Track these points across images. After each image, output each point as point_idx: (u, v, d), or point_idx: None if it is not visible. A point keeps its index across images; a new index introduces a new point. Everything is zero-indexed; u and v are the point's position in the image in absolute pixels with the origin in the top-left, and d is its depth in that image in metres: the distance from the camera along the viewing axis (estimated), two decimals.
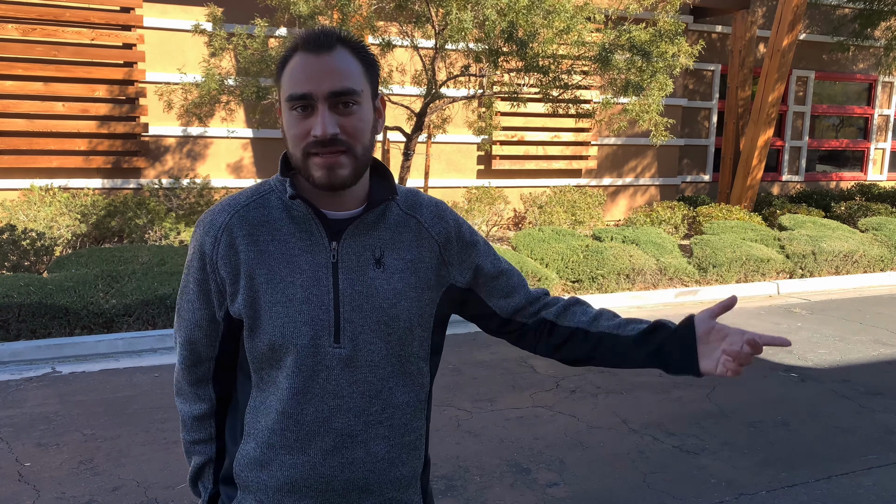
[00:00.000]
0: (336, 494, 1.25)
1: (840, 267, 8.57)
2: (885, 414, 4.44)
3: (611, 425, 4.21)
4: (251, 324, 1.24)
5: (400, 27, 7.06)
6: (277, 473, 1.25)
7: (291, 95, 1.19)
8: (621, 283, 7.43)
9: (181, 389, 1.36)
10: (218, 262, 1.24)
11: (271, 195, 1.28)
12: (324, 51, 1.19)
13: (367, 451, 1.25)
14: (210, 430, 1.36)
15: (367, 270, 1.25)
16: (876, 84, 13.89)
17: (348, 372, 1.23)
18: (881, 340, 6.10)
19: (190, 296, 1.29)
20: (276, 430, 1.24)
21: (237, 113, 8.71)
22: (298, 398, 1.23)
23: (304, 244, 1.24)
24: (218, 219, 1.26)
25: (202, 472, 1.38)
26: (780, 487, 3.48)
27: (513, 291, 1.39)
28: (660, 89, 6.76)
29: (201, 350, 1.31)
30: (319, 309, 1.22)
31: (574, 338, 1.38)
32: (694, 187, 12.62)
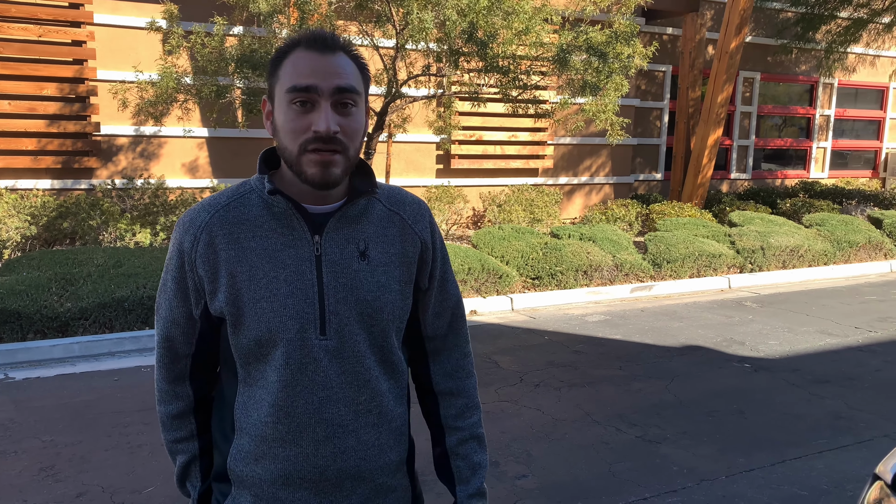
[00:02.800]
0: (329, 484, 1.28)
1: (787, 261, 8.89)
2: (832, 400, 4.65)
3: (575, 417, 4.31)
4: (234, 320, 1.25)
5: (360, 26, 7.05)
6: (271, 466, 1.27)
7: (295, 87, 1.20)
8: (579, 279, 7.58)
9: (159, 389, 1.37)
10: (196, 260, 1.26)
11: (251, 194, 1.29)
12: (328, 51, 1.23)
13: (358, 440, 1.28)
14: (191, 428, 1.37)
15: (352, 263, 1.27)
16: (817, 85, 14.43)
17: (336, 363, 1.26)
18: (827, 331, 6.37)
19: (168, 294, 1.31)
20: (269, 423, 1.26)
21: (194, 112, 8.58)
22: (288, 391, 1.25)
23: (286, 239, 1.26)
24: (198, 218, 1.27)
25: (188, 471, 1.39)
26: (739, 472, 3.62)
27: (443, 313, 1.42)
28: (616, 89, 6.91)
29: (178, 347, 1.33)
30: (304, 302, 1.24)
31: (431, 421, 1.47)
32: (647, 185, 12.91)
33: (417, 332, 1.42)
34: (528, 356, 5.51)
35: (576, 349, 5.72)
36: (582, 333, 6.19)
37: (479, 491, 1.42)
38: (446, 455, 1.44)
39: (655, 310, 7.13)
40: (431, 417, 1.46)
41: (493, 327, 6.38)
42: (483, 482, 1.43)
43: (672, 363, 5.39)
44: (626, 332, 6.25)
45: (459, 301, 1.45)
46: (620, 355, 5.57)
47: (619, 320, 6.68)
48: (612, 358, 5.50)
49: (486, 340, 5.95)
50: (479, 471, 1.43)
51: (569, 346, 5.79)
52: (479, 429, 1.45)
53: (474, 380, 1.47)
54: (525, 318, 6.74)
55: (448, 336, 1.44)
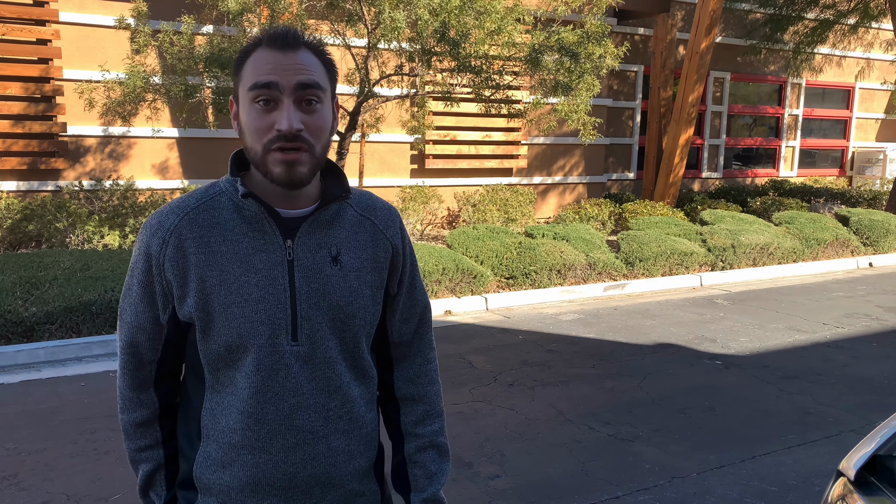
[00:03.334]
0: (299, 491, 1.26)
1: (757, 259, 9.02)
2: (801, 396, 4.72)
3: (548, 417, 4.32)
4: (204, 326, 1.23)
5: (331, 26, 7.00)
6: (240, 473, 1.25)
7: (256, 84, 1.18)
8: (553, 278, 7.61)
9: (123, 396, 1.33)
10: (165, 264, 1.23)
11: (221, 197, 1.27)
12: (290, 48, 1.20)
13: (328, 446, 1.27)
14: (156, 436, 1.34)
15: (324, 268, 1.26)
16: (786, 85, 14.66)
17: (307, 369, 1.25)
18: (796, 327, 6.46)
19: (133, 298, 1.28)
20: (238, 429, 1.24)
21: (163, 112, 8.45)
22: (258, 397, 1.23)
23: (257, 243, 1.24)
24: (166, 221, 1.25)
25: (153, 480, 1.35)
26: (710, 469, 3.66)
27: (411, 318, 1.41)
28: (587, 89, 6.95)
29: (143, 353, 1.30)
30: (276, 307, 1.23)
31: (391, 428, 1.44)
32: (619, 185, 13.01)
33: (384, 337, 1.41)
34: (502, 356, 5.51)
35: (550, 348, 5.73)
36: (556, 332, 6.22)
37: (433, 498, 1.40)
38: (404, 463, 1.42)
39: (628, 308, 7.18)
40: (392, 424, 1.45)
41: (467, 327, 6.38)
42: (439, 491, 1.41)
43: (644, 361, 5.43)
44: (599, 331, 6.28)
45: (427, 307, 1.44)
46: (594, 354, 5.60)
47: (593, 319, 6.72)
48: (585, 357, 5.52)
49: (461, 340, 5.94)
50: (435, 479, 1.40)
51: (543, 346, 5.80)
52: (439, 437, 1.42)
53: (438, 387, 1.45)
54: (500, 317, 6.74)
55: (413, 342, 1.43)
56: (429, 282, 6.82)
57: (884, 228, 10.05)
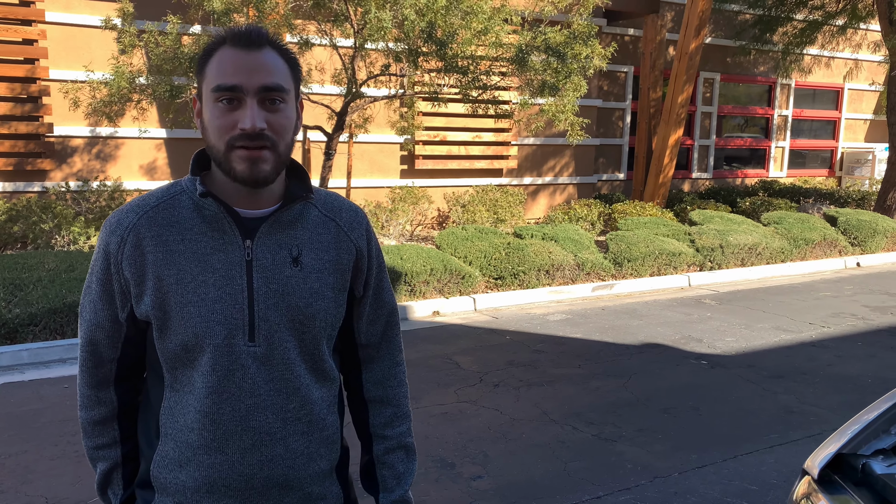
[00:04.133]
0: (255, 493, 1.26)
1: (745, 259, 9.04)
2: (785, 395, 4.73)
3: (532, 417, 4.31)
4: (161, 325, 1.23)
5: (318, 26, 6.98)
6: (195, 473, 1.25)
7: (220, 86, 1.18)
8: (542, 278, 7.61)
9: (81, 394, 1.33)
10: (123, 262, 1.23)
11: (182, 196, 1.27)
12: (254, 48, 1.20)
13: (287, 448, 1.26)
14: (113, 434, 1.33)
15: (284, 269, 1.25)
16: (775, 86, 14.72)
17: (264, 370, 1.24)
18: (782, 327, 6.48)
19: (93, 296, 1.28)
20: (195, 428, 1.24)
21: (150, 112, 8.42)
22: (214, 397, 1.23)
23: (216, 243, 1.24)
24: (125, 219, 1.25)
25: (110, 479, 1.35)
26: (691, 469, 3.66)
27: (377, 320, 1.41)
28: (574, 90, 6.95)
29: (103, 351, 1.29)
30: (233, 308, 1.22)
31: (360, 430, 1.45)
32: (609, 185, 13.03)
33: (351, 339, 1.41)
34: (488, 356, 5.51)
35: (536, 348, 5.73)
36: (543, 333, 6.22)
37: (402, 499, 1.41)
38: (372, 463, 1.43)
39: (616, 308, 7.19)
40: (360, 425, 1.45)
41: (455, 328, 6.37)
42: (407, 491, 1.42)
43: (630, 361, 5.44)
44: (586, 331, 6.29)
45: (394, 309, 1.44)
46: (580, 354, 5.60)
47: (581, 319, 6.72)
48: (571, 357, 5.52)
49: (448, 341, 5.94)
50: (403, 480, 1.42)
51: (530, 346, 5.80)
52: (407, 438, 1.44)
53: (405, 389, 1.46)
54: (488, 318, 6.74)
55: (381, 344, 1.43)
56: (417, 282, 6.81)
57: (871, 228, 10.09)
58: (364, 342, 1.41)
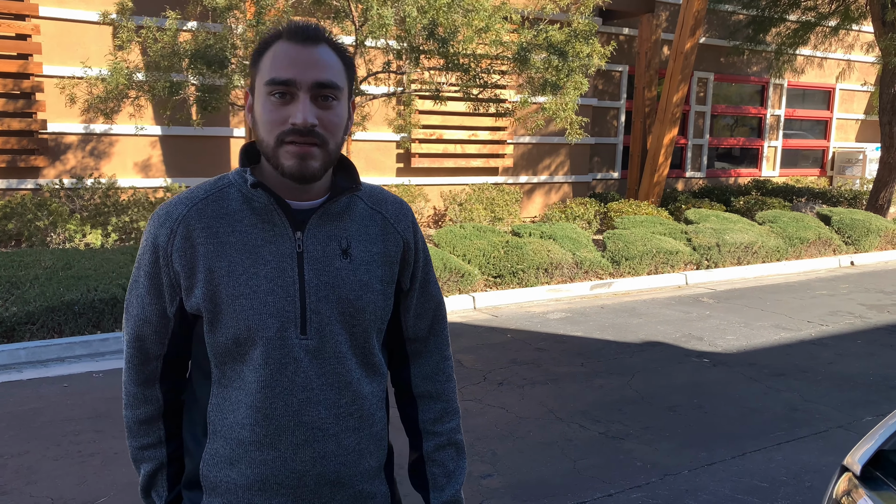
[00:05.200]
0: (307, 490, 1.23)
1: (742, 258, 9.08)
2: (788, 393, 4.75)
3: (538, 415, 4.30)
4: (211, 318, 1.20)
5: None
6: (247, 471, 1.22)
7: (273, 80, 1.17)
8: (540, 276, 7.61)
9: (127, 391, 1.30)
10: (173, 255, 1.21)
11: (230, 188, 1.25)
12: (310, 43, 1.19)
13: (339, 444, 1.24)
14: (159, 434, 1.31)
15: (334, 261, 1.24)
16: (768, 86, 14.79)
17: (316, 364, 1.22)
18: (781, 325, 6.51)
19: (140, 290, 1.25)
20: (246, 425, 1.21)
21: (146, 109, 8.35)
22: (267, 392, 1.20)
23: (266, 235, 1.22)
24: (174, 211, 1.23)
25: (154, 480, 1.32)
26: (701, 466, 3.66)
27: (425, 314, 1.39)
28: (575, 88, 6.95)
29: (150, 347, 1.27)
30: (285, 300, 1.20)
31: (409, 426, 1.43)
32: (604, 184, 13.06)
33: (398, 334, 1.39)
34: (490, 355, 5.50)
35: (538, 347, 5.73)
36: (544, 331, 6.21)
37: (453, 498, 1.38)
38: (422, 460, 1.40)
39: (615, 306, 7.20)
40: (409, 422, 1.43)
41: (455, 326, 6.35)
42: (459, 490, 1.39)
43: (633, 359, 5.44)
44: (586, 329, 6.29)
45: (441, 303, 1.41)
46: (582, 352, 5.60)
47: (580, 317, 6.72)
48: (573, 355, 5.52)
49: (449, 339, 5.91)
50: (454, 478, 1.39)
51: (531, 344, 5.79)
52: (457, 434, 1.41)
53: (454, 384, 1.44)
54: (487, 316, 6.73)
55: (429, 338, 1.41)
56: None
57: (865, 227, 10.16)
58: (412, 336, 1.39)
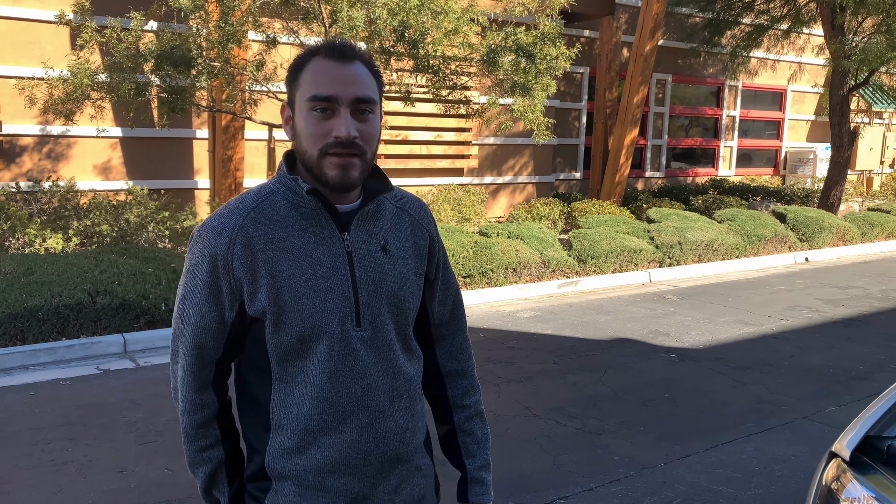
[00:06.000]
0: (372, 468, 1.34)
1: (703, 255, 9.31)
2: (755, 386, 4.90)
3: (515, 412, 4.36)
4: (276, 319, 1.29)
5: (285, 23, 6.89)
6: (317, 455, 1.32)
7: (316, 96, 1.27)
8: (509, 276, 7.68)
9: (185, 398, 1.35)
10: (233, 262, 1.28)
11: (275, 196, 1.34)
12: (347, 60, 1.30)
13: (395, 424, 1.36)
14: (216, 434, 1.38)
15: (377, 257, 1.36)
16: (723, 87, 15.18)
17: (372, 352, 1.34)
18: (744, 320, 6.70)
19: (197, 299, 1.32)
20: (313, 415, 1.31)
21: (107, 111, 8.16)
22: (332, 382, 1.31)
23: (317, 238, 1.32)
24: (230, 222, 1.30)
25: (215, 479, 1.39)
26: (676, 459, 3.76)
27: (447, 301, 1.53)
28: (543, 90, 7.04)
29: (207, 354, 1.34)
30: (342, 296, 1.31)
31: (438, 402, 1.55)
32: (567, 184, 13.23)
33: (425, 320, 1.51)
34: None
35: (510, 345, 5.79)
36: (515, 329, 6.28)
37: (486, 463, 1.54)
38: (454, 432, 1.53)
39: (583, 304, 7.32)
40: (438, 398, 1.55)
41: None
42: (488, 455, 1.55)
43: (603, 356, 5.55)
44: (557, 327, 6.38)
45: (458, 289, 1.56)
46: (553, 350, 5.68)
47: (550, 315, 6.82)
48: (545, 352, 5.60)
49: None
50: (483, 444, 1.55)
51: (503, 343, 5.86)
52: (481, 405, 1.57)
53: (474, 361, 1.59)
54: None
55: (451, 322, 1.54)
56: None
57: (818, 225, 10.52)
58: (437, 322, 1.52)
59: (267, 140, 8.64)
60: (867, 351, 5.77)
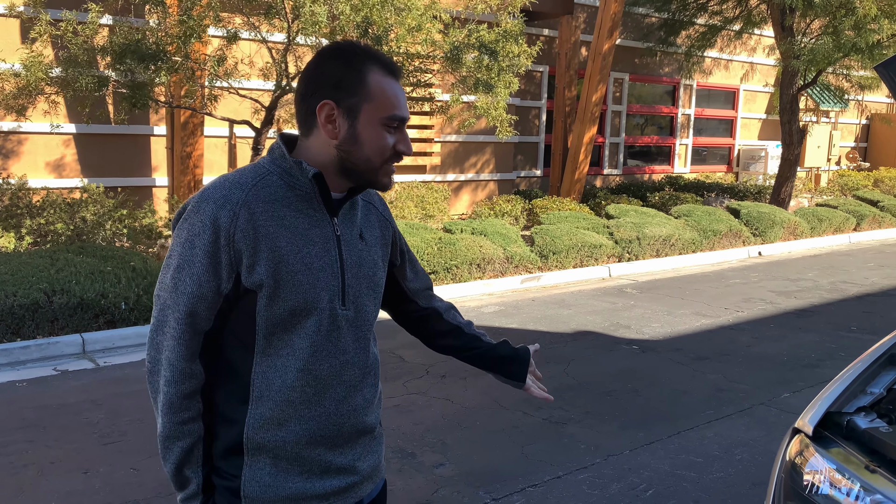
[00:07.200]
0: (342, 438, 1.43)
1: (660, 250, 9.52)
2: (713, 375, 5.05)
3: (484, 404, 4.42)
4: (271, 292, 1.34)
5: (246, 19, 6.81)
6: (296, 427, 1.38)
7: (396, 116, 1.38)
8: (473, 272, 7.74)
9: (175, 367, 1.35)
10: (236, 234, 1.32)
11: (271, 176, 1.39)
12: (400, 77, 1.43)
13: (363, 397, 1.46)
14: (198, 407, 1.39)
15: (357, 243, 1.46)
16: (679, 86, 15.52)
17: (352, 330, 1.43)
18: (701, 312, 6.89)
19: (196, 269, 1.33)
20: (296, 386, 1.37)
21: (60, 106, 7.95)
22: (317, 356, 1.38)
23: (311, 219, 1.40)
24: (232, 195, 1.34)
25: (191, 456, 1.38)
26: (640, 446, 3.86)
27: (417, 277, 1.70)
28: (506, 87, 7.11)
29: (199, 323, 1.36)
30: (331, 276, 1.39)
31: (452, 333, 1.72)
32: (528, 181, 13.37)
33: (406, 299, 1.67)
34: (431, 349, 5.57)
35: None
36: (480, 324, 6.34)
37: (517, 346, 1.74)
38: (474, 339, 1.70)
39: (545, 299, 7.42)
40: (451, 330, 1.70)
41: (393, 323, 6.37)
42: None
43: (567, 348, 5.64)
44: (521, 321, 6.46)
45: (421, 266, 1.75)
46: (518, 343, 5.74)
47: (513, 310, 6.90)
48: None
49: (388, 336, 5.94)
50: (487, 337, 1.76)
51: None
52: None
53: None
54: None
55: (428, 291, 1.72)
56: None
57: (770, 220, 10.84)
58: (419, 290, 1.69)
59: (228, 137, 8.53)
60: (818, 340, 6.00)
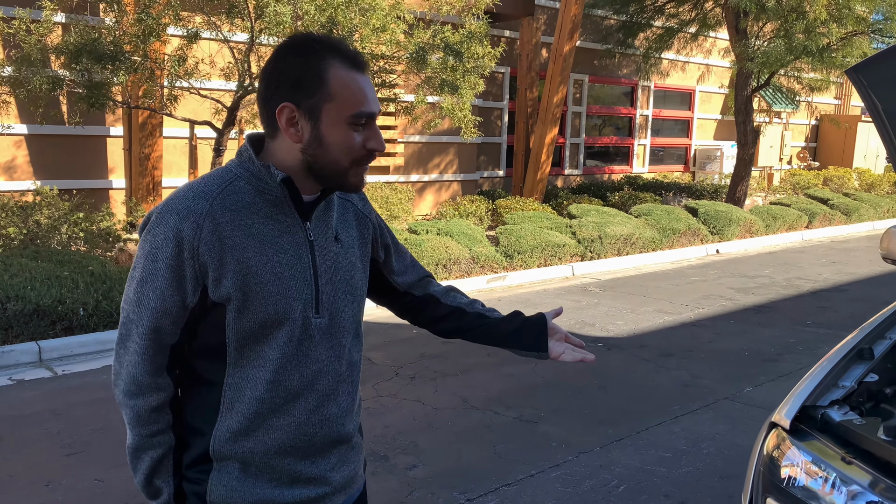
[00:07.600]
0: (315, 449, 1.38)
1: (622, 249, 9.66)
2: (678, 371, 5.15)
3: (454, 405, 4.43)
4: (240, 305, 1.29)
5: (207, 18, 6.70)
6: (265, 437, 1.34)
7: (363, 113, 1.29)
8: (439, 272, 7.75)
9: (139, 382, 1.31)
10: (200, 247, 1.26)
11: (238, 181, 1.32)
12: (365, 70, 1.33)
13: (339, 406, 1.40)
14: (168, 419, 1.36)
15: (332, 247, 1.40)
16: (637, 88, 15.77)
17: (326, 339, 1.37)
18: (663, 310, 7.02)
19: (159, 283, 1.28)
20: (266, 398, 1.32)
21: (11, 106, 7.70)
22: (287, 367, 1.33)
23: (281, 226, 1.33)
24: (196, 206, 1.28)
25: (160, 466, 1.36)
26: (610, 442, 3.92)
27: (407, 269, 1.63)
28: (471, 88, 7.14)
29: (164, 338, 1.31)
30: (304, 284, 1.33)
31: (453, 315, 1.63)
32: (490, 182, 13.43)
33: (397, 292, 1.60)
34: (399, 350, 5.56)
35: (444, 340, 5.84)
36: None
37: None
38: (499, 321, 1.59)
39: (511, 298, 7.47)
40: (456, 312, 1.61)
41: None
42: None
43: None
44: None
45: (412, 256, 1.66)
46: None
47: None
48: (479, 346, 5.65)
49: None
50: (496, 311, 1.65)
51: (437, 338, 5.87)
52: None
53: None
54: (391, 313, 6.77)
55: (421, 282, 1.64)
56: None
57: (727, 218, 11.10)
58: (412, 283, 1.62)
59: (188, 137, 8.38)
60: (777, 335, 6.16)
